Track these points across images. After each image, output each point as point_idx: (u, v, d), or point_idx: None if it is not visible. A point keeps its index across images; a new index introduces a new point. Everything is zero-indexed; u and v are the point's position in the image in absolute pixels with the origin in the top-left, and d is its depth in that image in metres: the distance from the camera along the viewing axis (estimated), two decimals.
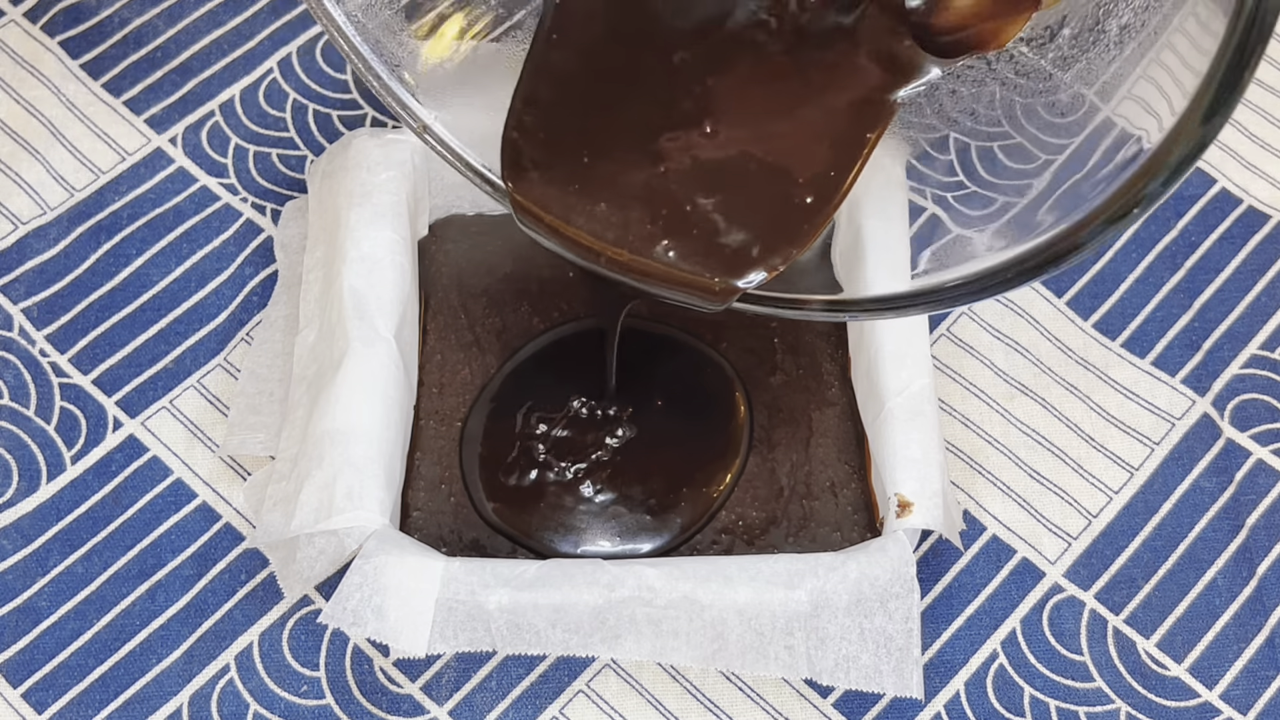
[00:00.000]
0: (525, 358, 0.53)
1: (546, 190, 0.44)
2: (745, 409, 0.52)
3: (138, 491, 0.52)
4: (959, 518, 0.50)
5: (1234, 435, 0.53)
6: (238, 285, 0.56)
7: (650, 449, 0.51)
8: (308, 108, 0.60)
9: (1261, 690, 0.48)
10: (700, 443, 0.52)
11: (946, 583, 0.50)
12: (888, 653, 0.45)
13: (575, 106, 0.45)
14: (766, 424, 0.52)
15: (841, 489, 0.51)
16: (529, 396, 0.52)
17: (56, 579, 0.50)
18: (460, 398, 0.53)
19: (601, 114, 0.45)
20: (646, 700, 0.48)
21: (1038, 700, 0.48)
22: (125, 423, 0.53)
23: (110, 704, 0.48)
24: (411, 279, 0.52)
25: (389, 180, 0.52)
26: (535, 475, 0.51)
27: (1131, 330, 0.55)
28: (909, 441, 0.47)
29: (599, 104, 0.45)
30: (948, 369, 0.54)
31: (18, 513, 0.51)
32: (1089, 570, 0.51)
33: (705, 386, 0.53)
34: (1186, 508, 0.52)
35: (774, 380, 0.53)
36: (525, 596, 0.45)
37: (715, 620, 0.45)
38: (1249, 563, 0.51)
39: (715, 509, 0.50)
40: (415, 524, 0.50)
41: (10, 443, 0.53)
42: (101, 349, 0.54)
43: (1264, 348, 0.55)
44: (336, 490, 0.46)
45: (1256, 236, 0.57)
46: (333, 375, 0.48)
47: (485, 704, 0.48)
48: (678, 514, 0.50)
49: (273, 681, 0.49)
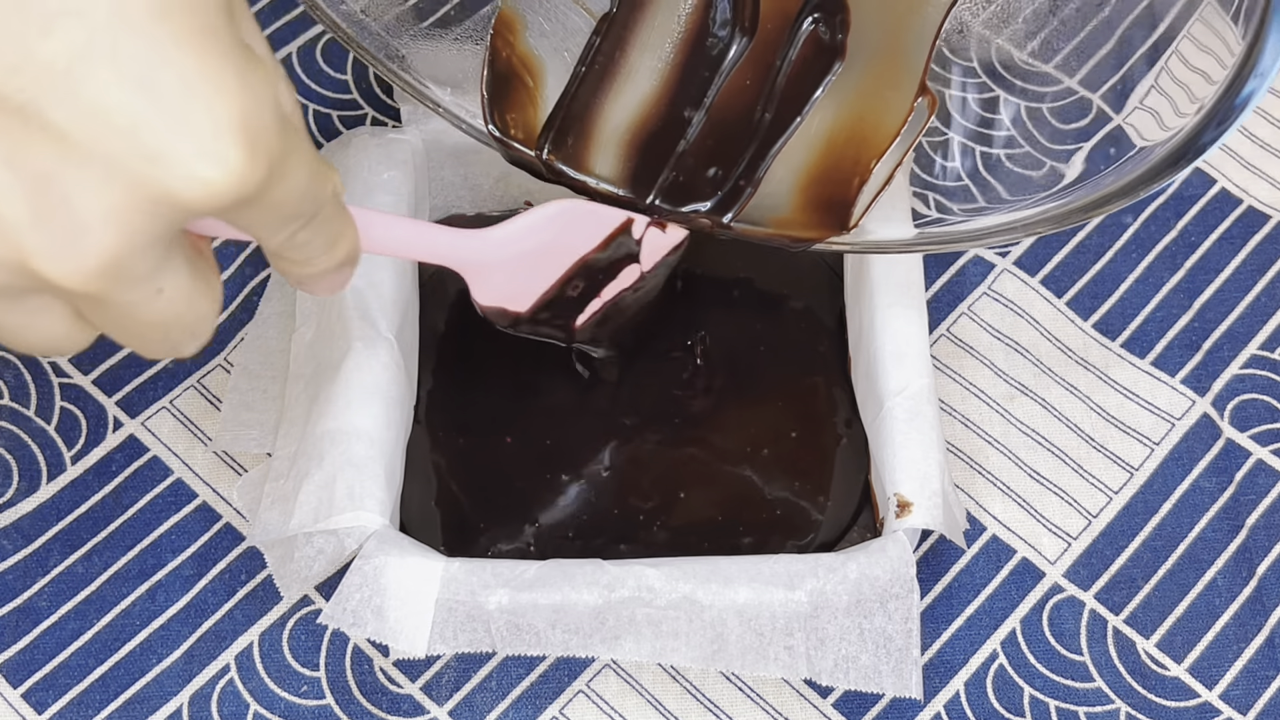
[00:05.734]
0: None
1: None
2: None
3: (138, 491, 0.52)
4: (962, 518, 0.50)
5: (1234, 435, 0.53)
6: (238, 285, 0.56)
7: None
8: (308, 108, 0.60)
9: (1261, 690, 0.48)
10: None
11: (946, 583, 0.50)
12: (887, 653, 0.45)
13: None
14: (766, 423, 0.52)
15: (841, 489, 0.51)
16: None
17: (56, 579, 0.50)
18: (460, 397, 0.53)
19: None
20: (646, 700, 0.48)
21: (1037, 700, 0.48)
22: (125, 423, 0.53)
23: (110, 704, 0.48)
24: (412, 279, 0.52)
25: (389, 180, 0.52)
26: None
27: (1131, 330, 0.55)
28: (909, 441, 0.47)
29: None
30: (948, 369, 0.54)
31: (18, 513, 0.51)
32: (1089, 570, 0.51)
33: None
34: (1186, 508, 0.52)
35: (772, 379, 0.53)
36: (525, 597, 0.45)
37: (715, 621, 0.45)
38: (1249, 563, 0.51)
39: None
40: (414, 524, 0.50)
41: (10, 443, 0.53)
42: (101, 349, 0.54)
43: (1264, 348, 0.55)
44: (336, 490, 0.46)
45: (1256, 236, 0.57)
46: (333, 375, 0.48)
47: (485, 704, 0.48)
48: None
49: (273, 681, 0.49)
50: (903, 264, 0.51)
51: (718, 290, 0.54)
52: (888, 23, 0.47)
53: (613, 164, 0.48)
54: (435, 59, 0.50)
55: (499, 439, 0.52)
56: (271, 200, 0.32)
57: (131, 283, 0.31)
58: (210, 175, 0.30)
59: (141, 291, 0.32)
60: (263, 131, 0.31)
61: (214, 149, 0.30)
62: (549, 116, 0.48)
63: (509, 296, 0.48)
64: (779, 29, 0.47)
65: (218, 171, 0.30)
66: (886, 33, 0.47)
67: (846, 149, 0.47)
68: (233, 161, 0.30)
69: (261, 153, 0.31)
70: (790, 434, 0.52)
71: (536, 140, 0.48)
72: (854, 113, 0.47)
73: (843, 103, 0.47)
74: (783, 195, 0.48)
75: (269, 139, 0.31)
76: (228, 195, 0.31)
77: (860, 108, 0.47)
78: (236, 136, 0.30)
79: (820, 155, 0.48)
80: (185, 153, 0.30)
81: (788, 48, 0.47)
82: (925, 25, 0.46)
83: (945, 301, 0.55)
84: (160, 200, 0.30)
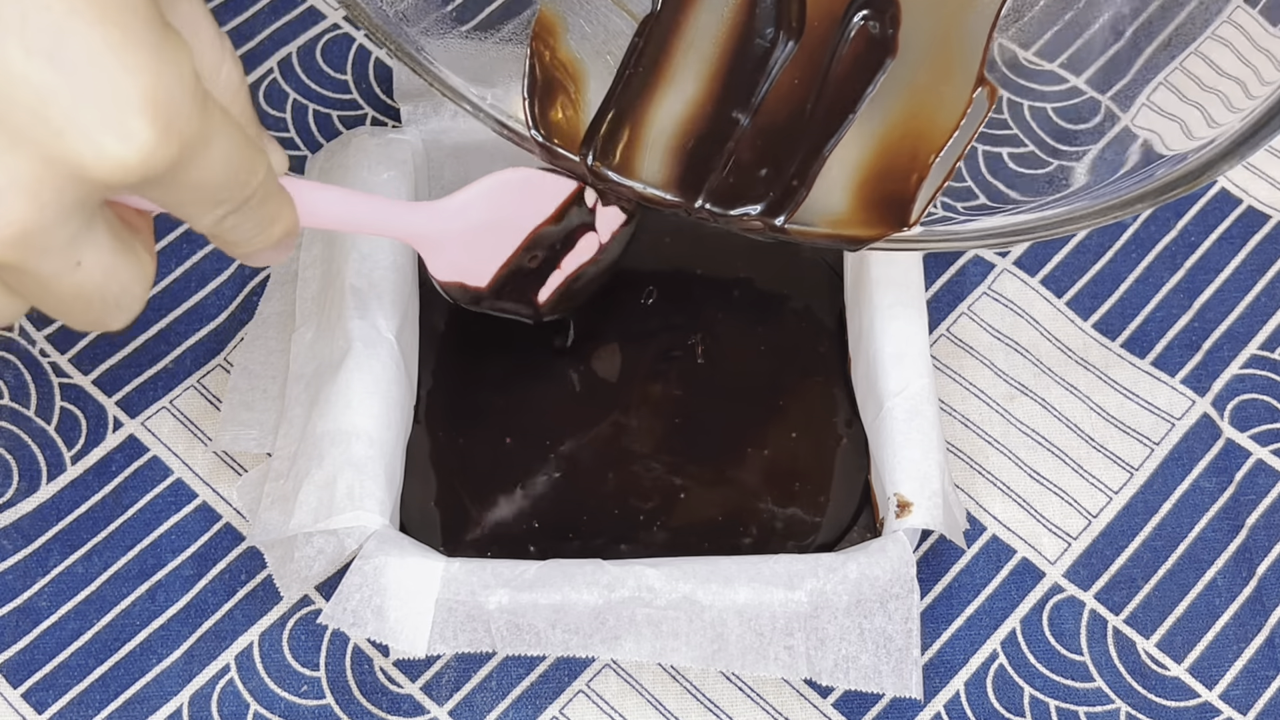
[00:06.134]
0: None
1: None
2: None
3: (138, 491, 0.52)
4: (962, 517, 0.50)
5: (1234, 435, 0.53)
6: (238, 285, 0.56)
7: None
8: (308, 108, 0.60)
9: (1261, 690, 0.48)
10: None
11: (946, 583, 0.50)
12: (887, 653, 0.45)
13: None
14: (766, 423, 0.52)
15: (841, 489, 0.51)
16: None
17: (56, 579, 0.50)
18: (460, 397, 0.53)
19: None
20: (646, 700, 0.48)
21: (1038, 700, 0.48)
22: (125, 423, 0.53)
23: (110, 704, 0.48)
24: (412, 279, 0.52)
25: (389, 180, 0.52)
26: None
27: (1131, 330, 0.55)
28: (909, 441, 0.47)
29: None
30: (948, 369, 0.54)
31: (18, 513, 0.51)
32: (1089, 570, 0.51)
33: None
34: (1186, 508, 0.52)
35: (772, 379, 0.53)
36: (525, 597, 0.45)
37: (715, 621, 0.45)
38: (1249, 563, 0.51)
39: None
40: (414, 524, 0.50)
41: (10, 443, 0.53)
42: (101, 349, 0.54)
43: (1264, 348, 0.55)
44: (337, 490, 0.46)
45: (1256, 236, 0.57)
46: (333, 375, 0.48)
47: (485, 704, 0.48)
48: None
49: (273, 681, 0.49)
50: (902, 264, 0.51)
51: (718, 290, 0.54)
52: (940, 16, 0.46)
53: (659, 168, 0.48)
54: (475, 62, 0.49)
55: (499, 439, 0.52)
56: (190, 181, 0.32)
57: (47, 254, 0.32)
58: (116, 150, 0.30)
59: (58, 263, 0.32)
60: (175, 109, 0.31)
61: (120, 123, 0.30)
62: (593, 120, 0.48)
63: (466, 270, 0.48)
64: (827, 27, 0.46)
65: (125, 147, 0.30)
66: (939, 25, 0.46)
67: (903, 145, 0.46)
68: (140, 137, 0.30)
69: (173, 131, 0.31)
70: (790, 434, 0.52)
71: (580, 145, 0.48)
72: (908, 108, 0.46)
73: (896, 98, 0.46)
74: (837, 195, 0.47)
75: (182, 118, 0.31)
76: (135, 171, 0.31)
77: (914, 103, 0.46)
78: (145, 112, 0.30)
79: (875, 153, 0.47)
80: (91, 126, 0.30)
81: (837, 45, 0.46)
82: (980, 16, 0.45)
83: (945, 301, 0.55)
84: (69, 173, 0.30)
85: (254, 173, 0.35)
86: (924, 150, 0.46)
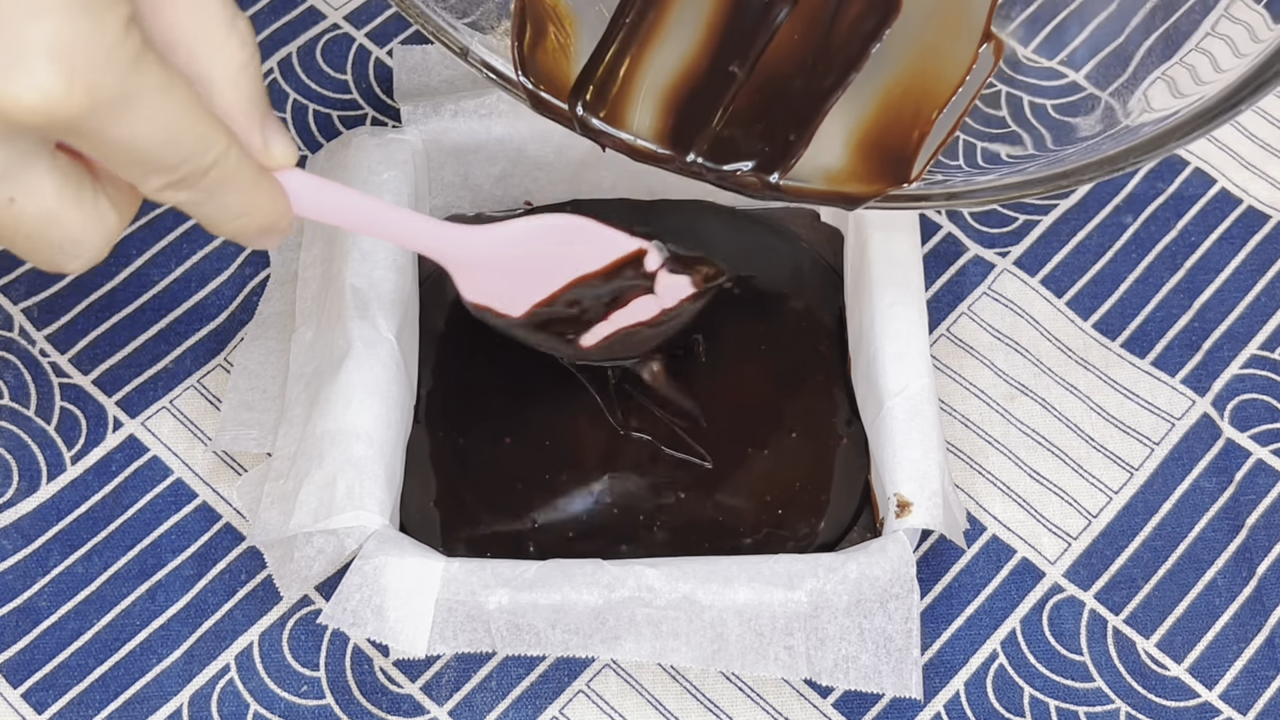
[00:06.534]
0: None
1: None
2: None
3: (138, 491, 0.52)
4: (962, 517, 0.50)
5: (1234, 435, 0.53)
6: (238, 285, 0.56)
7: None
8: (308, 108, 0.60)
9: (1261, 690, 0.48)
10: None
11: (946, 583, 0.50)
12: (887, 653, 0.45)
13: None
14: (767, 423, 0.52)
15: (841, 489, 0.51)
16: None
17: (56, 579, 0.50)
18: (460, 397, 0.53)
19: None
20: (646, 700, 0.48)
21: (1037, 700, 0.48)
22: (125, 423, 0.53)
23: (110, 704, 0.48)
24: (412, 279, 0.52)
25: (389, 180, 0.52)
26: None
27: (1131, 330, 0.55)
28: (909, 441, 0.47)
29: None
30: (948, 369, 0.54)
31: (18, 513, 0.51)
32: (1089, 570, 0.51)
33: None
34: (1186, 508, 0.52)
35: (773, 379, 0.53)
36: (525, 597, 0.45)
37: (715, 621, 0.45)
38: (1249, 563, 0.51)
39: None
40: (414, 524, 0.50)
41: (10, 443, 0.53)
42: (101, 349, 0.54)
43: (1264, 348, 0.55)
44: (337, 490, 0.46)
45: (1256, 236, 0.57)
46: (333, 374, 0.48)
47: (485, 704, 0.48)
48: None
49: (273, 681, 0.49)
50: (902, 264, 0.51)
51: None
52: None
53: (651, 120, 0.46)
54: (465, 2, 0.48)
55: (499, 439, 0.52)
56: (111, 138, 0.32)
57: None
58: (19, 92, 0.30)
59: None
60: (88, 60, 0.31)
61: (23, 67, 0.30)
62: (583, 69, 0.46)
63: (497, 297, 0.48)
64: None
65: (27, 90, 0.31)
66: None
67: (906, 101, 0.45)
68: (43, 82, 0.31)
69: (80, 81, 0.31)
70: (790, 434, 0.52)
71: (569, 94, 0.46)
72: (911, 64, 0.45)
73: (900, 54, 0.45)
74: (835, 151, 0.46)
75: (96, 70, 0.31)
76: (39, 116, 0.31)
77: (918, 59, 0.45)
78: (50, 59, 0.31)
79: (877, 109, 0.46)
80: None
81: (841, 1, 0.45)
82: None
83: (945, 301, 0.55)
84: None
85: (204, 150, 0.34)
86: (927, 106, 0.45)
